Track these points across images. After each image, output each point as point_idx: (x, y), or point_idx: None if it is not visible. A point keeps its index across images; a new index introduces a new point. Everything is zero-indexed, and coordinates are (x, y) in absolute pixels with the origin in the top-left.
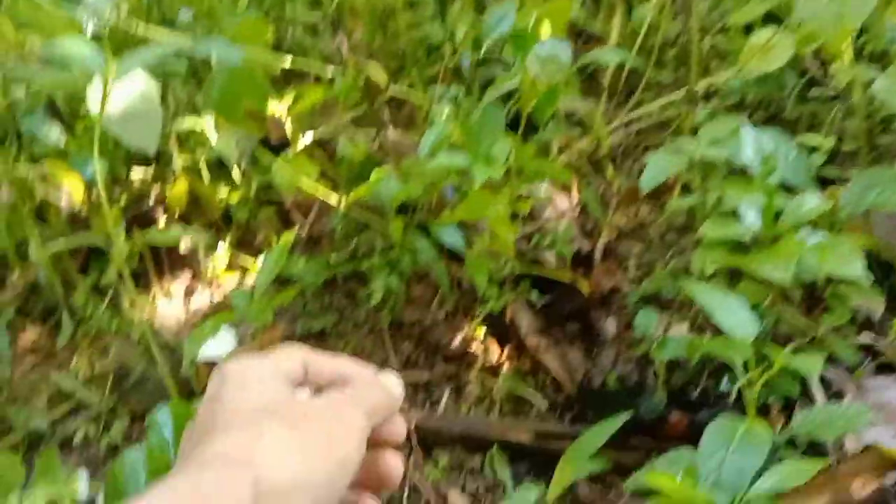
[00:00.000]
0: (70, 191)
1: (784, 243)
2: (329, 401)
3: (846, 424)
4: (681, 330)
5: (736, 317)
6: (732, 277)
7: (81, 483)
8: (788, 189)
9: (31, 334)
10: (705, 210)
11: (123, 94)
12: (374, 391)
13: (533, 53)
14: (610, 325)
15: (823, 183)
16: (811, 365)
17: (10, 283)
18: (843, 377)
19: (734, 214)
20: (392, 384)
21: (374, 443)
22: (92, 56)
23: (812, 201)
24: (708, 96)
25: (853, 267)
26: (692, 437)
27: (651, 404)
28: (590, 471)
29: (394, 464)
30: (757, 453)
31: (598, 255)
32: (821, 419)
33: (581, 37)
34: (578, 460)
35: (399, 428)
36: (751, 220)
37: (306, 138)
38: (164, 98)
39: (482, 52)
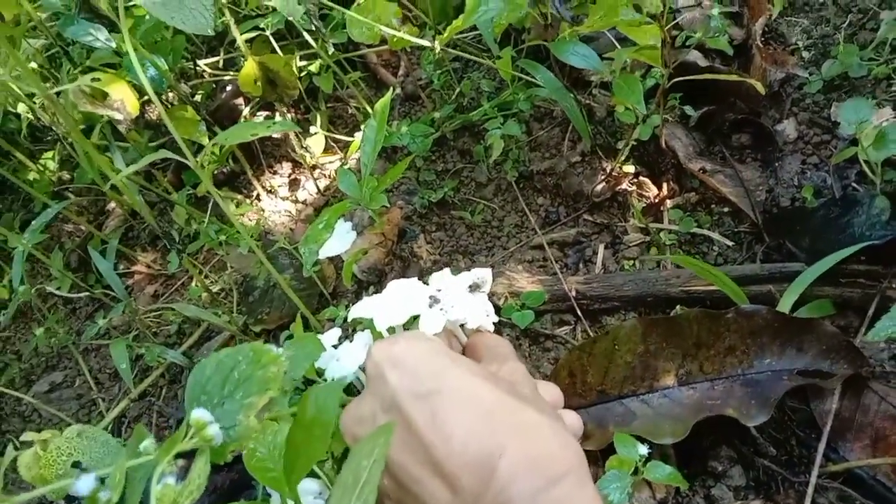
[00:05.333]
0: (124, 102)
1: None
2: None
3: None
4: (883, 117)
5: None
6: None
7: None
8: None
9: (144, 263)
10: None
11: None
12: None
13: None
14: (788, 127)
15: None
16: None
17: (109, 213)
18: None
19: None
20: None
21: None
22: None
23: None
24: None
25: None
26: None
27: (868, 219)
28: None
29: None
30: None
31: (756, 39)
32: None
33: None
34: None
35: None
36: None
37: None
38: None
39: None
